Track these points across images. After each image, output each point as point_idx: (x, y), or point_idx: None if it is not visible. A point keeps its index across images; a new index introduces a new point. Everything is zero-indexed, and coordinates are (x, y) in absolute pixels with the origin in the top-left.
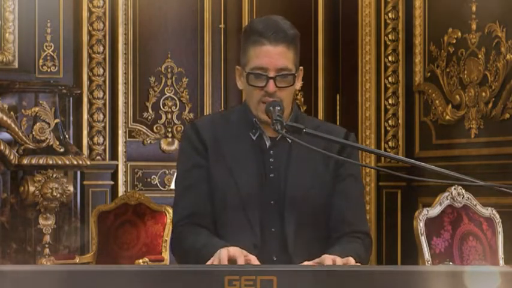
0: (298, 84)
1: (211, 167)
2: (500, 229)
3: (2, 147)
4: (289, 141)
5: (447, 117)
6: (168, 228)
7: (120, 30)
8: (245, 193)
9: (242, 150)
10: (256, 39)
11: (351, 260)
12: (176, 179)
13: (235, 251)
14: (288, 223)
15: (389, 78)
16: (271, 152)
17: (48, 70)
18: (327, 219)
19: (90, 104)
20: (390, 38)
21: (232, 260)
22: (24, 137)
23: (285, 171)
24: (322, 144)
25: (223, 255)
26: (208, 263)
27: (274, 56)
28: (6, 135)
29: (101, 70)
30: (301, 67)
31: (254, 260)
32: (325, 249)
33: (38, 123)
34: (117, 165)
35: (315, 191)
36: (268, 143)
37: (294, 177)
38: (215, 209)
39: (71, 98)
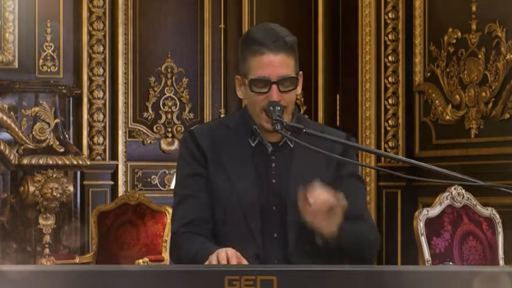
0: (299, 89)
1: (211, 175)
2: (500, 229)
3: (2, 147)
4: (291, 145)
5: (447, 117)
6: (168, 228)
7: (120, 30)
8: (246, 202)
9: (242, 157)
10: (256, 48)
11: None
12: (175, 186)
13: (231, 253)
14: (290, 228)
15: (389, 78)
16: (273, 157)
17: (48, 70)
18: None
19: (90, 104)
20: (390, 38)
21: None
22: (24, 137)
23: (287, 176)
24: (323, 147)
25: (221, 256)
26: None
27: (276, 64)
28: (6, 135)
29: (101, 70)
30: (300, 72)
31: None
32: (325, 254)
33: (38, 123)
34: (117, 165)
35: None
36: (270, 149)
37: (296, 182)
38: (216, 219)
39: (71, 98)
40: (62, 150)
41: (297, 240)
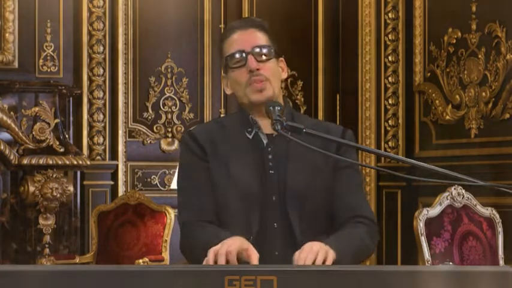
0: (284, 74)
1: (211, 169)
2: (500, 229)
3: (2, 147)
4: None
5: (447, 117)
6: (169, 228)
7: (120, 30)
8: (247, 194)
9: (240, 151)
10: (227, 33)
11: (330, 256)
12: (178, 183)
13: (233, 250)
14: (293, 218)
15: (389, 78)
16: (269, 149)
17: (48, 70)
18: (330, 209)
19: (90, 104)
20: (390, 38)
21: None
22: (24, 137)
23: (284, 167)
24: (320, 142)
25: (221, 258)
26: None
27: (247, 37)
28: (6, 135)
29: (101, 70)
30: (281, 58)
31: (254, 256)
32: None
33: (38, 123)
34: (117, 165)
35: (315, 184)
36: (265, 141)
37: (294, 172)
38: (219, 212)
39: (71, 98)
40: (62, 150)
41: (300, 228)
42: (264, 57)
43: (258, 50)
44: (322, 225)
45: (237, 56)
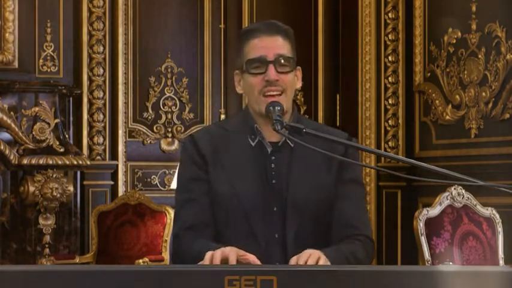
0: (298, 83)
1: (211, 179)
2: (500, 229)
3: (2, 147)
4: (291, 145)
5: (447, 117)
6: (169, 229)
7: (120, 30)
8: (248, 204)
9: (242, 158)
10: (251, 34)
11: (322, 260)
12: (176, 191)
13: (230, 250)
14: (289, 228)
15: (389, 78)
16: (273, 157)
17: (48, 70)
18: (330, 222)
19: (90, 104)
20: (390, 38)
21: (226, 260)
22: (24, 137)
23: (287, 176)
24: (324, 148)
25: (216, 255)
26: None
27: (272, 44)
28: (6, 135)
29: (101, 70)
30: (298, 67)
31: (253, 259)
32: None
33: (38, 123)
34: (117, 165)
35: (316, 194)
36: (269, 149)
37: (296, 182)
38: (218, 222)
39: (71, 98)
40: (62, 150)
41: (296, 239)
42: (284, 69)
43: (280, 59)
44: (318, 236)
45: (258, 62)
